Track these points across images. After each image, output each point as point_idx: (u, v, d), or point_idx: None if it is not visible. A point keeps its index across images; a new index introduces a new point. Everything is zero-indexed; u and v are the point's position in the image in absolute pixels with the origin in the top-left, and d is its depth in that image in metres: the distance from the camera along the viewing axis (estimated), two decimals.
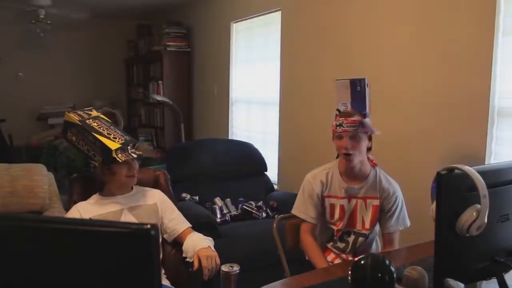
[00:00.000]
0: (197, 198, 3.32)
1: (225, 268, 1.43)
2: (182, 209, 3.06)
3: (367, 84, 1.90)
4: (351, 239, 2.01)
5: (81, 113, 1.96)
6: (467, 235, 1.16)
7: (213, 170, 3.48)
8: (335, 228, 2.01)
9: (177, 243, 2.05)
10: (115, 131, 1.91)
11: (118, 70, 6.63)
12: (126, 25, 6.45)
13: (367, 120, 1.88)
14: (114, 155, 1.81)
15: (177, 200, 3.28)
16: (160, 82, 5.30)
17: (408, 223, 1.99)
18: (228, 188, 3.47)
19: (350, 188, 1.97)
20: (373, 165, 2.00)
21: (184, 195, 3.28)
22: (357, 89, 1.89)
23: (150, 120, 5.83)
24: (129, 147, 1.89)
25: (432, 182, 1.44)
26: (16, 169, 2.96)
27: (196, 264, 1.82)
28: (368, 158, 1.99)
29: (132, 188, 2.03)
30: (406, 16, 2.65)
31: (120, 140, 1.87)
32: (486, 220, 1.15)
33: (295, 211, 2.06)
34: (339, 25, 3.14)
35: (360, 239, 2.00)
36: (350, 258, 1.97)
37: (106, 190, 1.98)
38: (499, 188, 1.24)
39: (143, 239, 0.77)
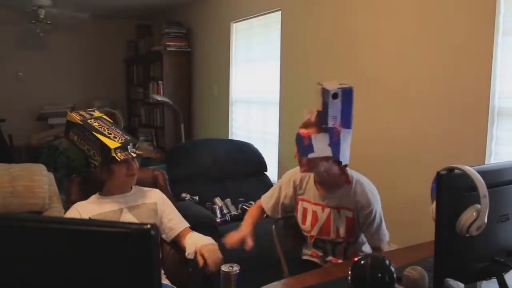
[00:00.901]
0: (197, 198, 3.32)
1: (225, 268, 1.43)
2: (182, 209, 3.07)
3: (334, 95, 1.73)
4: (328, 246, 1.97)
5: (83, 113, 1.97)
6: (467, 235, 1.16)
7: (213, 170, 3.48)
8: (308, 234, 1.99)
9: (176, 242, 2.05)
10: (116, 131, 1.92)
11: (118, 70, 6.64)
12: (126, 25, 6.45)
13: (310, 138, 1.75)
14: (113, 154, 1.82)
15: (177, 200, 3.28)
16: (160, 82, 5.29)
17: (387, 237, 1.92)
18: (228, 188, 3.48)
19: (323, 196, 1.92)
20: (346, 183, 1.88)
21: (184, 195, 3.28)
22: (325, 99, 1.74)
23: (150, 120, 5.83)
24: (129, 147, 1.89)
25: (432, 182, 1.44)
26: (16, 169, 2.96)
27: (200, 261, 1.81)
28: (342, 173, 1.87)
29: (131, 188, 2.03)
30: (406, 16, 2.65)
31: (120, 139, 1.87)
32: (486, 220, 1.15)
33: (262, 197, 2.13)
34: (339, 25, 3.15)
35: (339, 246, 1.95)
36: (340, 261, 1.94)
37: (106, 190, 1.98)
38: (499, 188, 1.24)
39: (143, 239, 0.77)
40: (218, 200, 3.33)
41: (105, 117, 2.01)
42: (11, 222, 0.84)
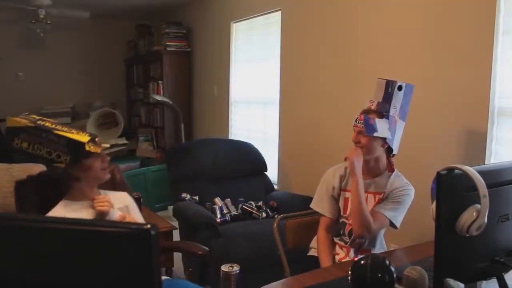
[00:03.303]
0: (197, 198, 3.32)
1: (225, 268, 1.43)
2: (182, 209, 3.09)
3: (399, 87, 1.95)
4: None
5: (23, 117, 1.72)
6: (467, 235, 1.16)
7: (213, 170, 3.48)
8: (347, 222, 2.03)
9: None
10: (71, 129, 1.73)
11: (118, 70, 6.63)
12: (126, 25, 6.45)
13: (375, 120, 1.92)
14: (87, 147, 1.66)
15: (177, 200, 3.29)
16: (160, 82, 5.30)
17: (398, 224, 1.95)
18: (228, 188, 3.48)
19: (363, 182, 1.99)
20: (390, 170, 2.03)
21: (184, 195, 3.28)
22: (388, 90, 1.96)
23: (150, 120, 5.83)
24: (96, 139, 1.74)
25: (432, 182, 1.44)
26: (16, 169, 2.96)
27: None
28: (389, 161, 2.03)
29: (99, 192, 1.88)
30: (406, 16, 2.65)
31: (84, 134, 1.71)
32: (486, 220, 1.15)
33: (312, 204, 2.12)
34: (339, 25, 3.15)
35: None
36: (351, 254, 1.98)
37: (75, 193, 1.80)
38: (499, 188, 1.24)
39: (143, 239, 0.77)
40: (218, 200, 3.33)
41: (45, 118, 1.78)
42: (11, 222, 0.84)
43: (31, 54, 5.92)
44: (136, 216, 1.94)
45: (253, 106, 4.32)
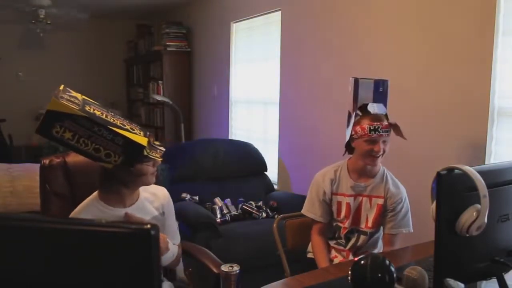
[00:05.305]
0: (197, 198, 3.32)
1: (225, 268, 1.43)
2: (182, 209, 3.09)
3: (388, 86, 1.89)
4: (354, 237, 2.02)
5: (66, 96, 1.41)
6: (467, 235, 1.16)
7: (213, 170, 3.48)
8: (342, 225, 2.03)
9: None
10: (120, 118, 1.52)
11: (118, 70, 6.64)
12: (126, 25, 6.45)
13: (394, 122, 1.88)
14: (146, 153, 1.46)
15: (177, 200, 3.29)
16: (160, 82, 5.30)
17: (411, 229, 1.99)
18: (228, 188, 3.48)
19: (357, 185, 1.99)
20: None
21: (184, 195, 3.28)
22: (380, 90, 1.89)
23: (150, 120, 5.83)
24: (152, 140, 1.55)
25: (432, 182, 1.44)
26: (16, 169, 2.97)
27: None
28: None
29: (138, 194, 1.69)
30: (406, 16, 2.65)
31: (138, 130, 1.51)
32: (486, 220, 1.15)
33: (304, 210, 2.10)
34: (339, 25, 3.15)
35: (363, 237, 2.01)
36: (351, 257, 1.98)
37: (112, 196, 1.60)
38: (499, 188, 1.24)
39: (143, 239, 0.77)
40: (218, 200, 3.33)
41: (85, 97, 1.51)
42: (11, 222, 0.83)
43: (31, 54, 5.92)
44: (171, 225, 1.81)
45: (253, 106, 4.32)
